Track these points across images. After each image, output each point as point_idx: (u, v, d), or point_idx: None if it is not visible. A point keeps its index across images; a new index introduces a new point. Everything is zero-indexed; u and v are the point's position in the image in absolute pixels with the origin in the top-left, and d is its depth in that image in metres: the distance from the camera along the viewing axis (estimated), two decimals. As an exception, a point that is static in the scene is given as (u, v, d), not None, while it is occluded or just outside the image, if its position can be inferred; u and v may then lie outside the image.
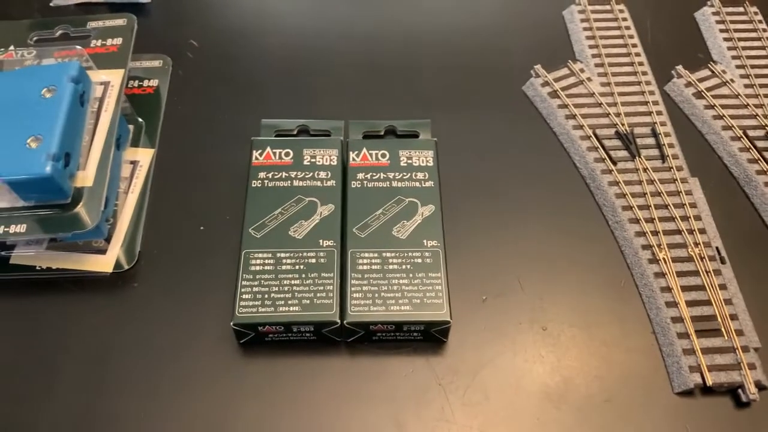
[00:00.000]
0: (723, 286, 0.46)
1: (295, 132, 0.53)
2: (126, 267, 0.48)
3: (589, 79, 0.57)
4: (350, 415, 0.42)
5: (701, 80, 0.57)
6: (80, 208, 0.45)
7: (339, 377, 0.43)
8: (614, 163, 0.51)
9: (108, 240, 0.48)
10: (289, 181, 0.48)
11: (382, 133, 0.53)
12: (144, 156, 0.52)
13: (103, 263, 0.47)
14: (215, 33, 0.61)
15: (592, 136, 0.53)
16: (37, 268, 0.47)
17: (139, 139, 0.53)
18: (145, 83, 0.57)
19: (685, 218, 0.49)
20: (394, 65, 0.59)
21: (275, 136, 0.52)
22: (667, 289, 0.46)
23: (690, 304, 0.45)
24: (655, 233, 0.48)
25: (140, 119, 0.54)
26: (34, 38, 0.54)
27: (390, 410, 0.42)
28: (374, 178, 0.48)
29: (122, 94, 0.49)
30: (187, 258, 0.48)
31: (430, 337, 0.44)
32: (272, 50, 0.60)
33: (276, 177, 0.48)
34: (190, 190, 0.51)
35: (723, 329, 0.44)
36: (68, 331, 0.45)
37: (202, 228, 0.49)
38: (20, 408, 0.42)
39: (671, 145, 0.53)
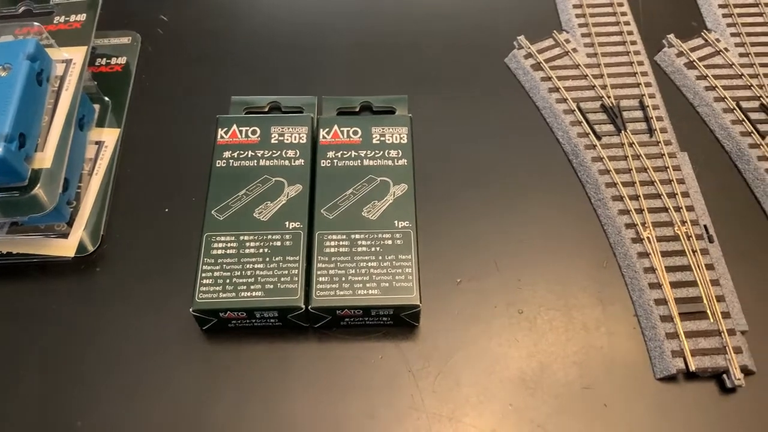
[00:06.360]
0: (710, 266, 0.44)
1: (266, 109, 0.51)
2: (89, 251, 0.46)
3: (574, 50, 0.54)
4: (317, 403, 0.40)
5: (693, 49, 0.54)
6: (38, 191, 0.43)
7: (306, 364, 0.42)
8: (598, 137, 0.49)
9: (70, 223, 0.47)
10: (255, 161, 0.46)
11: (357, 109, 0.51)
12: (110, 136, 0.51)
13: (65, 247, 0.46)
14: (186, 8, 0.59)
15: (576, 109, 0.50)
16: (-2, 253, 0.46)
17: (105, 119, 0.52)
18: (113, 61, 0.55)
19: (672, 195, 0.47)
20: (373, 40, 0.57)
21: (245, 114, 0.50)
22: (651, 269, 0.44)
23: (674, 285, 0.43)
24: (639, 211, 0.46)
25: (106, 98, 0.52)
26: (-5, 15, 0.53)
27: (358, 398, 0.41)
28: (345, 156, 0.46)
29: (85, 72, 0.48)
30: (151, 241, 0.46)
31: (400, 322, 0.42)
32: (246, 25, 0.58)
33: (242, 156, 0.46)
34: (157, 171, 0.50)
35: (709, 311, 0.42)
36: (28, 318, 0.44)
37: (167, 210, 0.47)
38: (-22, 397, 0.41)
39: (660, 119, 0.50)
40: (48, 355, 0.42)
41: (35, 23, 0.49)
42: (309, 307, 0.40)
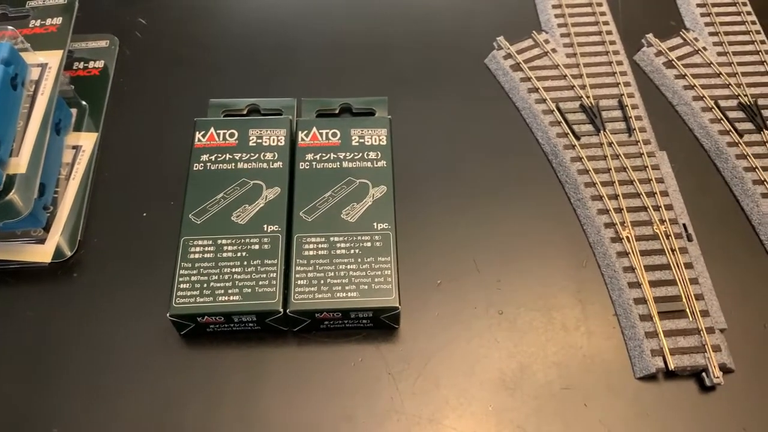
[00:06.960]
0: (689, 265, 0.44)
1: (244, 111, 0.50)
2: (67, 256, 0.46)
3: (554, 50, 0.54)
4: (297, 407, 0.40)
5: (672, 49, 0.54)
6: (12, 196, 0.42)
7: (286, 368, 0.42)
8: (577, 137, 0.49)
9: (47, 229, 0.46)
10: (233, 164, 0.45)
11: (336, 111, 0.51)
12: (87, 140, 0.50)
13: (41, 253, 0.45)
14: (164, 10, 0.59)
15: (555, 110, 0.50)
16: (-27, 260, 0.45)
17: (82, 123, 0.51)
18: (91, 65, 0.54)
19: (651, 194, 0.47)
20: (352, 42, 0.57)
21: (224, 116, 0.50)
22: (630, 269, 0.44)
23: (654, 284, 0.43)
24: (618, 210, 0.46)
25: (84, 102, 0.52)
26: (-29, 20, 0.52)
27: (338, 401, 0.40)
28: (324, 158, 0.46)
29: (61, 76, 0.47)
30: (129, 246, 0.46)
31: (380, 324, 0.42)
32: (225, 28, 0.58)
33: (219, 159, 0.46)
34: (135, 175, 0.49)
35: (687, 310, 0.42)
36: (4, 324, 0.43)
37: (144, 214, 0.47)
38: (-47, 406, 0.40)
39: (639, 118, 0.50)
40: (24, 362, 0.42)
41: (10, 27, 0.48)
42: (287, 310, 0.40)
